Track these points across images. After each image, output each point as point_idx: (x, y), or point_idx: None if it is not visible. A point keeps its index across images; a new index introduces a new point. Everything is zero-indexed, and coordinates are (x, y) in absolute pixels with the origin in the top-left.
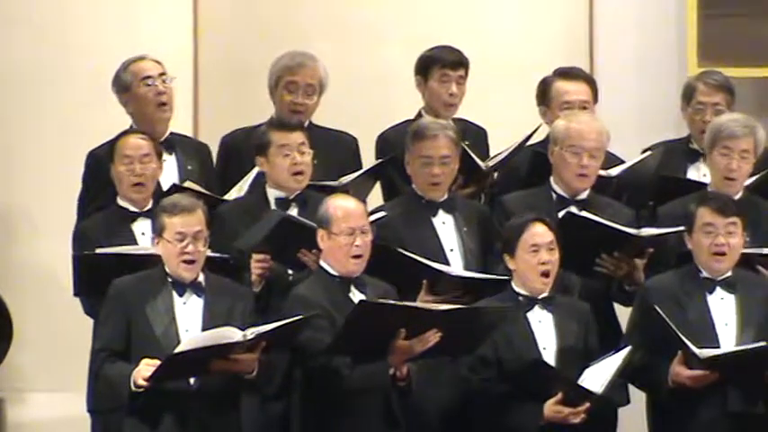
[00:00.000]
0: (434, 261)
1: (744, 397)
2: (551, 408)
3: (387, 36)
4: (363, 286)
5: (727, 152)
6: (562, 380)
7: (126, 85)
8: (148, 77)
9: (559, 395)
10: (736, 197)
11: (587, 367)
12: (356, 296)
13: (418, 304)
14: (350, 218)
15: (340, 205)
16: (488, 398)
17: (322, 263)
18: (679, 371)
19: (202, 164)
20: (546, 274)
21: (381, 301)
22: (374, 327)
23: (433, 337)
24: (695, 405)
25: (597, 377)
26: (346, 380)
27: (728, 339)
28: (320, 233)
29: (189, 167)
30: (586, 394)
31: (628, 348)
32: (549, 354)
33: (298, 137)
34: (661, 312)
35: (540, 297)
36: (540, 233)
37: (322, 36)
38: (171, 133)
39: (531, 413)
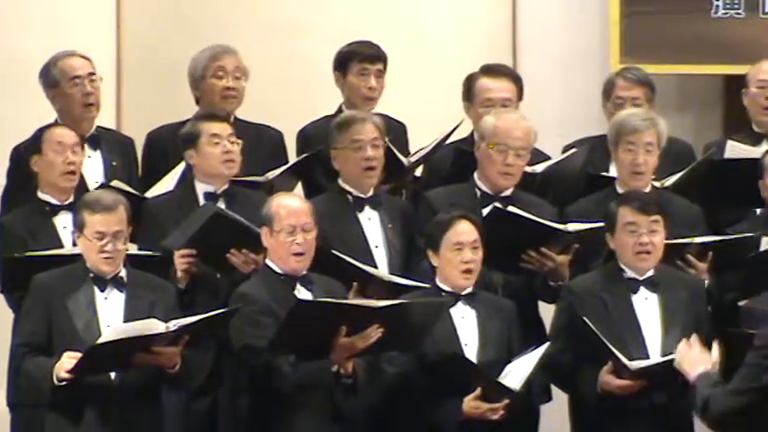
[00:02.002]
0: (361, 258)
1: (670, 392)
2: (470, 403)
3: (310, 32)
4: (310, 284)
5: (632, 147)
6: (480, 375)
7: (54, 81)
8: (77, 77)
9: (478, 391)
10: (646, 191)
11: (509, 364)
12: (302, 293)
13: (354, 301)
14: (291, 215)
15: (283, 203)
16: (409, 393)
17: (267, 261)
18: (608, 380)
19: (126, 159)
20: (468, 272)
21: (318, 299)
22: (314, 325)
23: (374, 332)
24: (620, 401)
25: (517, 374)
26: (289, 378)
27: (653, 340)
28: (264, 231)
29: (114, 163)
30: (504, 390)
31: (546, 344)
32: (470, 350)
33: (227, 127)
34: (592, 326)
35: (463, 293)
36: (464, 231)
37: (245, 32)
38: (97, 128)
39: (451, 408)
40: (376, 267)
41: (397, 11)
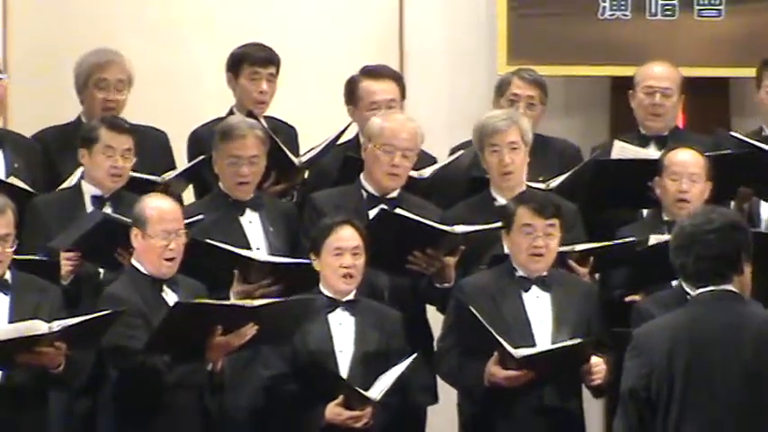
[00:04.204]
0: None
1: (559, 392)
2: (332, 410)
3: (197, 33)
4: (175, 285)
5: (497, 148)
6: (340, 383)
7: None
8: None
9: (340, 398)
10: (521, 189)
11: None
12: (169, 295)
13: (232, 302)
14: (166, 221)
15: (157, 206)
16: (279, 396)
17: (134, 261)
18: (494, 371)
19: (30, 162)
20: (348, 277)
21: (196, 301)
22: (190, 326)
23: (249, 330)
24: (510, 401)
25: (382, 384)
26: (164, 378)
27: (544, 337)
28: (134, 232)
29: (16, 165)
30: (363, 399)
31: (412, 357)
32: (344, 357)
33: (126, 141)
34: (476, 312)
35: (343, 299)
36: (345, 237)
37: (131, 33)
38: (2, 129)
39: (314, 413)
40: None
41: (284, 12)
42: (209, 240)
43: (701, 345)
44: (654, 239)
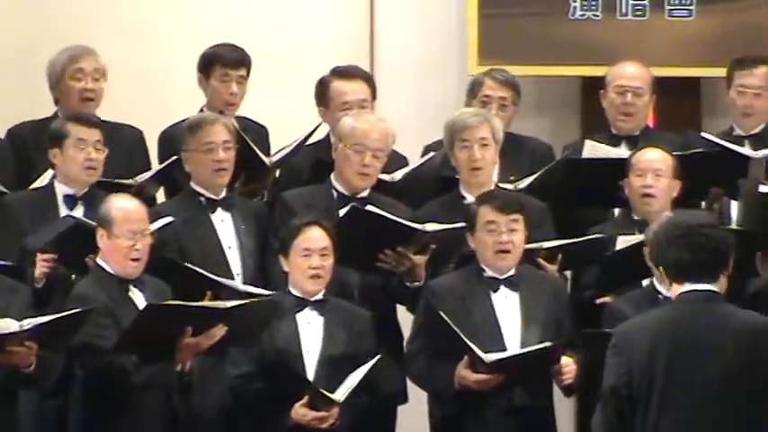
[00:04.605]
0: (214, 259)
1: (529, 392)
2: (297, 410)
3: (171, 32)
4: (142, 284)
5: (467, 143)
6: (305, 384)
7: None
8: None
9: (306, 398)
10: (491, 188)
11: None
12: (136, 294)
13: (203, 303)
14: (131, 221)
15: (122, 207)
16: (245, 395)
17: (100, 261)
18: (465, 374)
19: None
20: (316, 277)
21: (168, 303)
22: (161, 327)
23: (218, 331)
24: (480, 401)
25: (347, 385)
26: (132, 378)
27: (513, 338)
28: (100, 232)
29: None
30: (327, 400)
31: (376, 358)
32: (311, 357)
33: (95, 133)
34: (446, 318)
35: (312, 299)
36: (313, 238)
37: (106, 32)
38: None
39: (281, 414)
40: (229, 269)
41: (256, 13)
42: (188, 264)
43: (683, 344)
44: (621, 242)
